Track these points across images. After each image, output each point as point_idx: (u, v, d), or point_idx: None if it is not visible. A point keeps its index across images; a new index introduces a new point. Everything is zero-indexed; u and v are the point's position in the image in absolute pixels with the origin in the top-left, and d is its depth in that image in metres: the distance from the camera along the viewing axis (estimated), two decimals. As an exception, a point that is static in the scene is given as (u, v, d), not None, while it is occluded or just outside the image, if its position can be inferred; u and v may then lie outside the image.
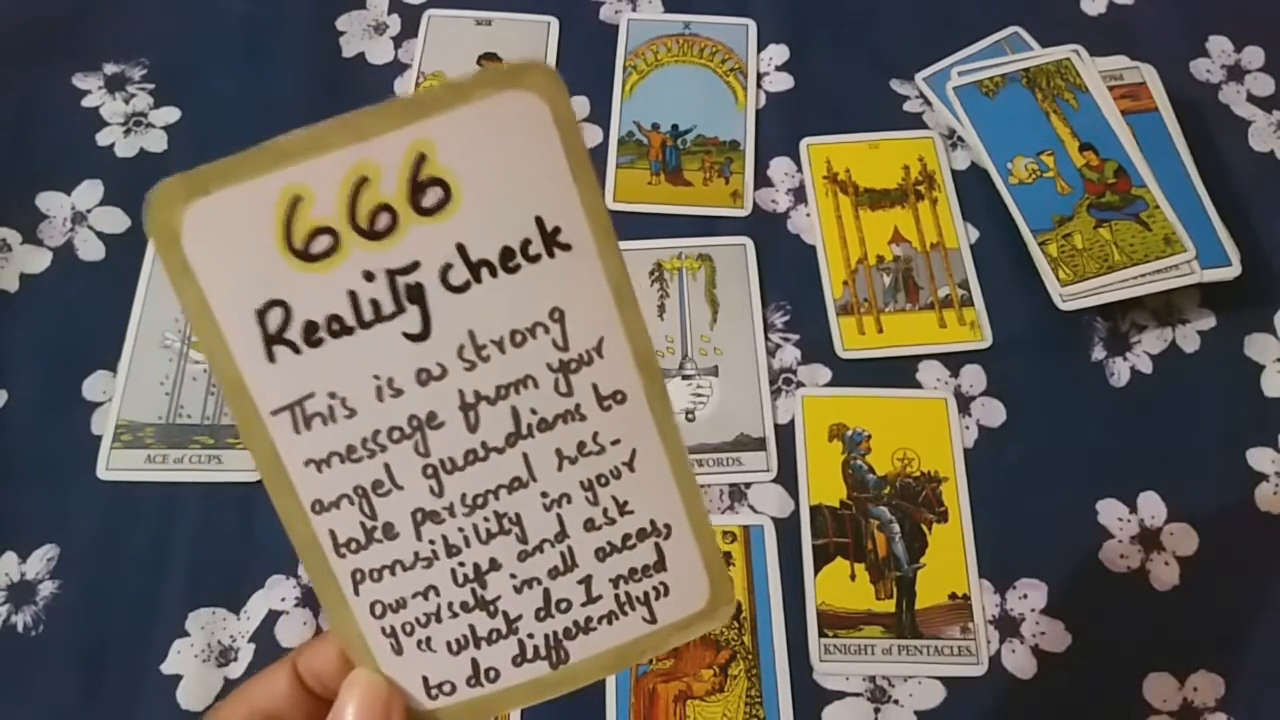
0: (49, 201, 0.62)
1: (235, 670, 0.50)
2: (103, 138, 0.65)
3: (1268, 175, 0.63)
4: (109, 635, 0.51)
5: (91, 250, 0.61)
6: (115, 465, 0.55)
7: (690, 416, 0.56)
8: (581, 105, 0.66)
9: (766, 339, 0.58)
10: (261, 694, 0.28)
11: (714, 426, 0.56)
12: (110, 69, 0.67)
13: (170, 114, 0.65)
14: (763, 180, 0.64)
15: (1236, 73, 0.67)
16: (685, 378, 0.57)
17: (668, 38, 0.69)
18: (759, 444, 0.56)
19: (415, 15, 0.69)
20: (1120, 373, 0.58)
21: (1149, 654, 0.51)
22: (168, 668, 0.50)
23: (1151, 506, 0.54)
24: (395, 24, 0.69)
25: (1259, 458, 0.55)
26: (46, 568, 0.52)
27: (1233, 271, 0.57)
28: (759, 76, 0.67)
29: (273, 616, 0.51)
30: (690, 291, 0.60)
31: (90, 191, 0.63)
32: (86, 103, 0.66)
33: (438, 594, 0.27)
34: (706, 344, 0.58)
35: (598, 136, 0.65)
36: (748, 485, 0.55)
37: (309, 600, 0.52)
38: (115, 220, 0.62)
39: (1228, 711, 0.50)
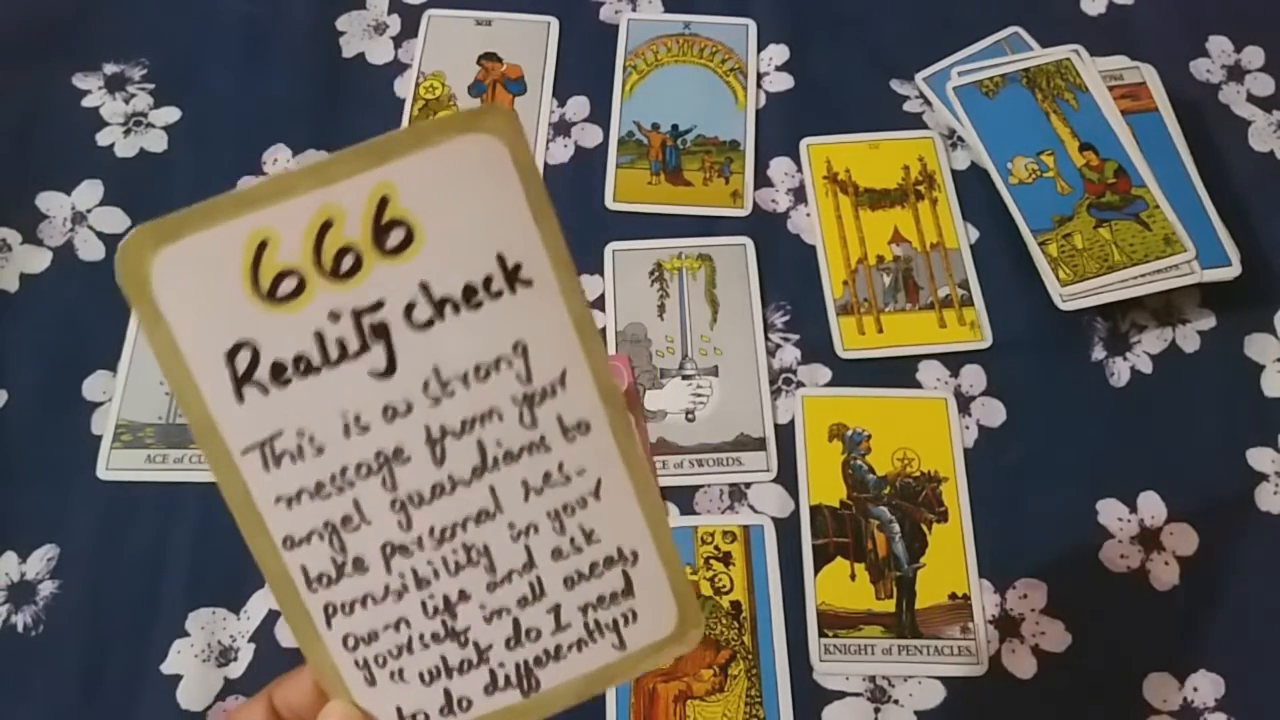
0: (49, 201, 0.62)
1: (235, 670, 0.50)
2: (103, 138, 0.65)
3: (1268, 175, 0.63)
4: (109, 635, 0.51)
5: (91, 250, 0.61)
6: (115, 465, 0.55)
7: (690, 416, 0.56)
8: (581, 105, 0.66)
9: (766, 339, 0.58)
10: None
11: (714, 426, 0.56)
12: (110, 69, 0.67)
13: (170, 114, 0.65)
14: (763, 180, 0.64)
15: (1236, 73, 0.67)
16: (685, 378, 0.57)
17: (668, 38, 0.69)
18: (759, 444, 0.56)
19: (415, 15, 0.69)
20: (1120, 373, 0.58)
21: (1149, 654, 0.51)
22: (168, 668, 0.50)
23: (1151, 506, 0.54)
24: (395, 24, 0.69)
25: (1259, 458, 0.55)
26: (46, 568, 0.52)
27: (1233, 271, 0.57)
28: (759, 76, 0.67)
29: (273, 616, 0.51)
30: (690, 291, 0.60)
31: (90, 191, 0.63)
32: (86, 103, 0.66)
33: (409, 626, 0.27)
34: (706, 344, 0.58)
35: (598, 136, 0.65)
36: (748, 485, 0.55)
37: (309, 600, 0.52)
38: (115, 220, 0.62)
39: (1228, 711, 0.50)
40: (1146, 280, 0.57)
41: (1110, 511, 0.54)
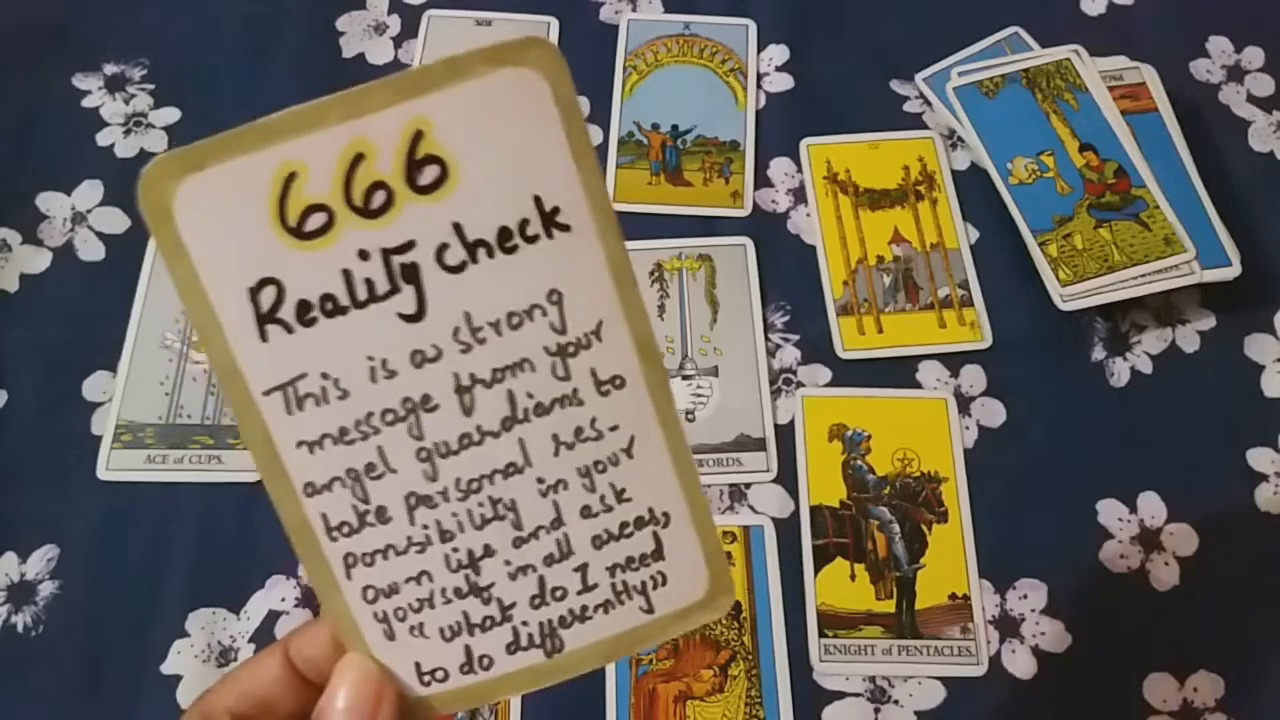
0: (49, 201, 0.62)
1: (235, 670, 0.50)
2: (103, 138, 0.65)
3: (1268, 175, 0.63)
4: (109, 635, 0.51)
5: (91, 250, 0.61)
6: (115, 465, 0.55)
7: (690, 416, 0.56)
8: (581, 105, 0.66)
9: (766, 339, 0.58)
10: (252, 679, 0.27)
11: (714, 426, 0.56)
12: (110, 69, 0.67)
13: (170, 114, 0.65)
14: (763, 180, 0.64)
15: (1236, 73, 0.67)
16: (685, 378, 0.57)
17: (668, 38, 0.69)
18: (759, 444, 0.56)
19: (415, 15, 0.69)
20: (1120, 373, 0.58)
21: (1149, 654, 0.51)
22: (168, 668, 0.50)
23: (1151, 506, 0.54)
24: (395, 24, 0.69)
25: (1259, 458, 0.55)
26: (46, 568, 0.52)
27: (1233, 271, 0.57)
28: (759, 76, 0.67)
29: (273, 617, 0.51)
30: (690, 291, 0.60)
31: (90, 191, 0.62)
32: (86, 103, 0.66)
33: (430, 580, 0.27)
34: (706, 344, 0.58)
35: (598, 137, 0.65)
36: (748, 485, 0.55)
37: (309, 601, 0.52)
38: (115, 220, 0.62)
39: (1228, 711, 0.50)
40: (1146, 280, 0.57)
41: (1110, 511, 0.54)
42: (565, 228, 0.25)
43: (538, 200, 0.25)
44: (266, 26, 0.68)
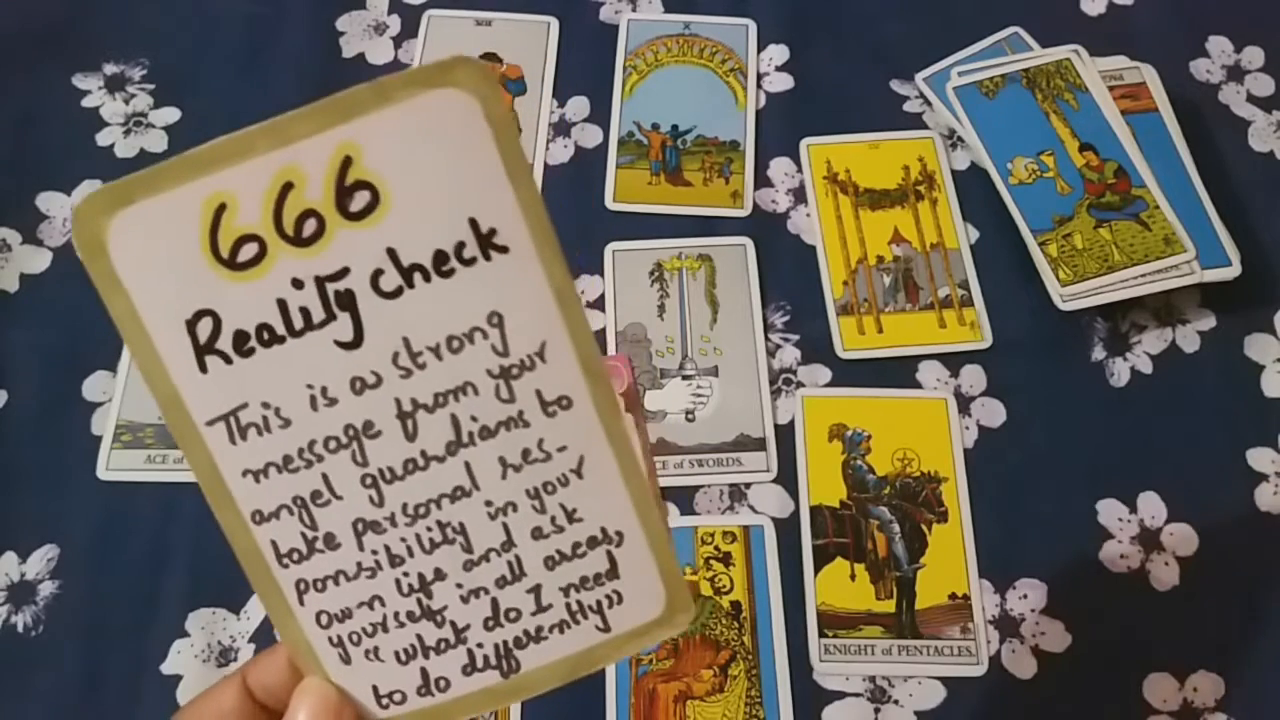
0: (49, 201, 0.62)
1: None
2: (103, 138, 0.65)
3: (1268, 175, 0.63)
4: (109, 635, 0.51)
5: (91, 250, 0.61)
6: (115, 465, 0.55)
7: (690, 416, 0.56)
8: (582, 105, 0.66)
9: (766, 339, 0.58)
10: (211, 708, 0.28)
11: (714, 426, 0.56)
12: (110, 69, 0.67)
13: (170, 114, 0.65)
14: (763, 180, 0.64)
15: (1236, 73, 0.67)
16: (685, 378, 0.57)
17: (668, 38, 0.69)
18: (759, 444, 0.55)
19: (415, 15, 0.69)
20: (1120, 373, 0.58)
21: (1149, 654, 0.51)
22: (168, 668, 0.50)
23: (1151, 506, 0.54)
24: (395, 24, 0.69)
25: (1259, 458, 0.55)
26: (46, 568, 0.52)
27: (1233, 271, 0.57)
28: (759, 76, 0.67)
29: (273, 616, 0.51)
30: (690, 291, 0.60)
31: (90, 191, 0.62)
32: (86, 103, 0.66)
33: (383, 604, 0.27)
34: (706, 344, 0.58)
35: (598, 137, 0.65)
36: (748, 485, 0.55)
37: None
38: (115, 220, 0.62)
39: (1228, 711, 0.50)
40: (1146, 280, 0.57)
41: (1110, 511, 0.54)
42: (503, 249, 0.24)
43: (473, 222, 0.24)
44: (266, 26, 0.69)
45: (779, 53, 0.68)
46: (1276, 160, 0.64)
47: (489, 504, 0.26)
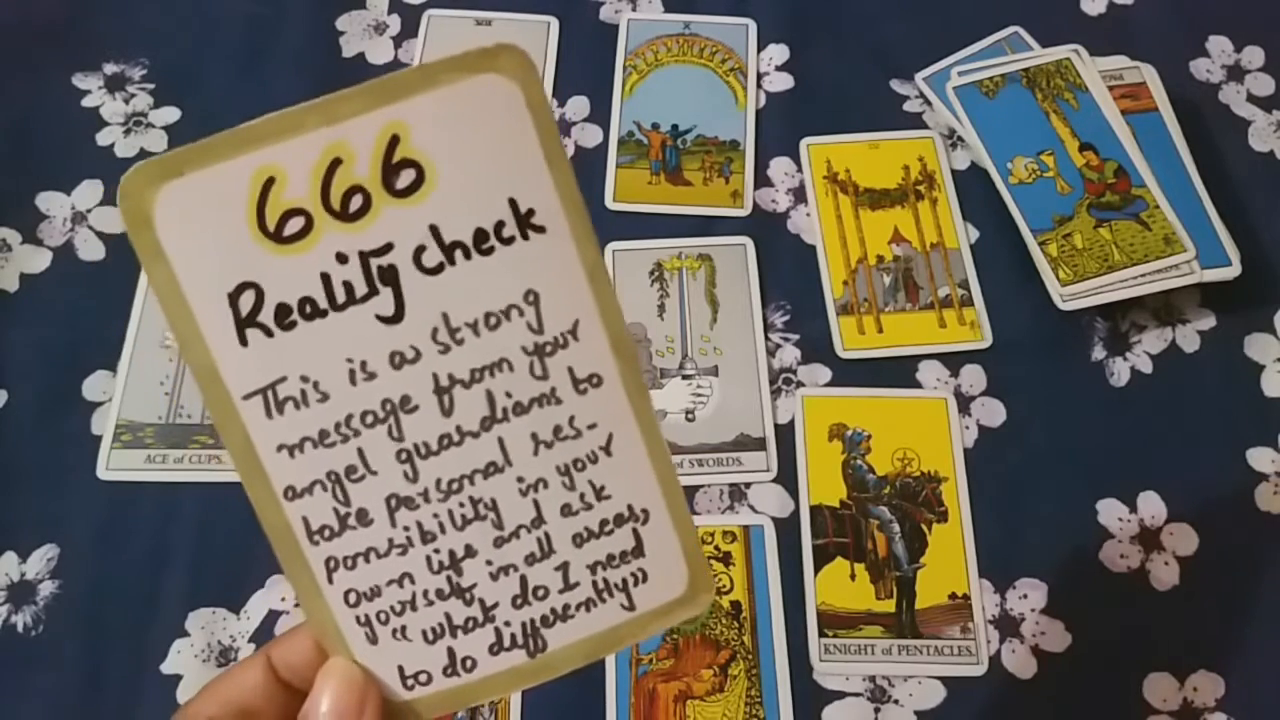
0: (49, 201, 0.62)
1: (235, 670, 0.50)
2: (103, 138, 0.65)
3: (1268, 175, 0.63)
4: (109, 635, 0.51)
5: (91, 250, 0.61)
6: (115, 465, 0.55)
7: (690, 416, 0.56)
8: (582, 105, 0.66)
9: (766, 339, 0.58)
10: (234, 687, 0.27)
11: (714, 426, 0.56)
12: (110, 69, 0.67)
13: (170, 114, 0.65)
14: (763, 180, 0.64)
15: (1236, 73, 0.67)
16: (685, 378, 0.57)
17: (668, 38, 0.69)
18: (759, 444, 0.55)
19: (415, 15, 0.69)
20: (1120, 373, 0.58)
21: (1149, 654, 0.51)
22: (168, 668, 0.50)
23: (1151, 506, 0.54)
24: (395, 24, 0.69)
25: (1259, 458, 0.55)
26: (46, 568, 0.52)
27: (1233, 271, 0.57)
28: (759, 76, 0.67)
29: (273, 616, 0.51)
30: (690, 291, 0.60)
31: (90, 191, 0.62)
32: (86, 103, 0.66)
33: (412, 581, 0.27)
34: (706, 344, 0.58)
35: (598, 136, 0.65)
36: (748, 485, 0.55)
37: (309, 600, 0.52)
38: (115, 220, 0.62)
39: (1228, 711, 0.50)
40: (1146, 280, 0.57)
41: (1110, 511, 0.54)
42: (540, 229, 0.25)
43: (513, 203, 0.25)
44: (266, 26, 0.68)
45: (779, 52, 0.68)
46: (1276, 160, 0.64)
47: (520, 480, 0.27)
